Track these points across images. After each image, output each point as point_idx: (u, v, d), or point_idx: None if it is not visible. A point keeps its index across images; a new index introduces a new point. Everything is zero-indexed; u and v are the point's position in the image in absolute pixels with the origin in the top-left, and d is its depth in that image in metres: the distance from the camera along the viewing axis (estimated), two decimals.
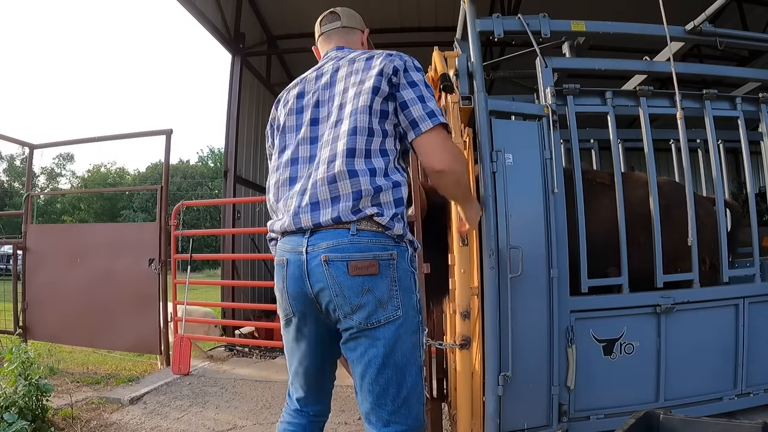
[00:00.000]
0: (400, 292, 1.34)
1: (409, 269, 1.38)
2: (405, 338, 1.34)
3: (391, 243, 1.35)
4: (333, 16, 1.72)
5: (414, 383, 1.36)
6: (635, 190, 2.64)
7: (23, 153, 26.61)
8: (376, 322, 1.32)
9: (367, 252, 1.31)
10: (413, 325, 1.37)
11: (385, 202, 1.35)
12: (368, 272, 1.30)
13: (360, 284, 1.31)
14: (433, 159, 1.41)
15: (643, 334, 2.37)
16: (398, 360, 1.33)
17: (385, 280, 1.32)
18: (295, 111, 1.56)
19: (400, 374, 1.34)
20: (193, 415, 3.27)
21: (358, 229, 1.32)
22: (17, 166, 30.53)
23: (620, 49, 3.59)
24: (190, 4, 5.68)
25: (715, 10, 2.59)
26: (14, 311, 4.81)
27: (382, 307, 1.31)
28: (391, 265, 1.33)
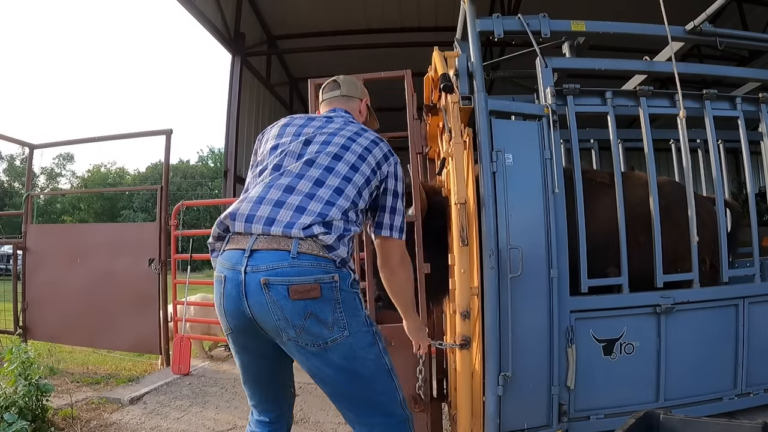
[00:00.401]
0: (345, 313, 1.36)
1: (351, 290, 1.41)
2: (362, 353, 1.39)
3: (332, 267, 1.37)
4: (334, 85, 1.85)
5: (384, 388, 1.43)
6: (635, 190, 2.64)
7: (23, 153, 26.63)
8: (323, 344, 1.34)
9: (308, 276, 1.31)
10: (368, 338, 1.41)
11: (335, 227, 1.42)
12: (309, 296, 1.30)
13: (302, 308, 1.30)
14: (390, 261, 1.66)
15: (643, 334, 2.36)
16: (361, 373, 1.39)
17: (329, 303, 1.33)
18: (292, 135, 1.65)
19: (366, 385, 1.40)
20: (193, 415, 3.27)
21: (299, 252, 1.31)
22: (17, 166, 30.52)
23: (620, 49, 3.59)
24: (190, 4, 5.68)
25: (715, 10, 2.59)
26: (14, 311, 4.81)
27: (328, 329, 1.33)
28: (333, 287, 1.34)
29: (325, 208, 1.40)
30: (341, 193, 1.46)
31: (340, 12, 7.00)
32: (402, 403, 1.48)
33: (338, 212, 1.42)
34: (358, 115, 1.83)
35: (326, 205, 1.41)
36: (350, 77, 1.90)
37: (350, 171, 1.51)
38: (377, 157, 1.60)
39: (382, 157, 1.62)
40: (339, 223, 1.41)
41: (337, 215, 1.41)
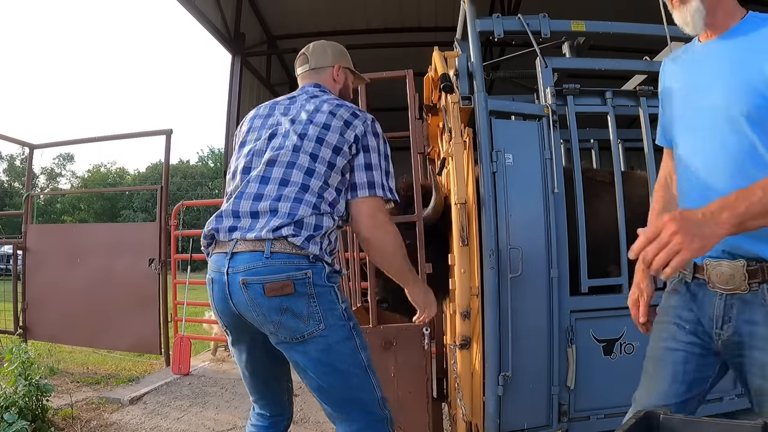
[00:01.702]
0: (320, 306, 1.40)
1: (326, 284, 1.43)
2: (337, 347, 1.41)
3: (305, 263, 1.40)
4: (303, 59, 1.78)
5: (360, 384, 1.44)
6: (637, 189, 2.64)
7: (23, 153, 26.62)
8: (300, 337, 1.39)
9: (280, 273, 1.37)
10: (343, 332, 1.43)
11: (306, 224, 1.43)
12: (283, 293, 1.37)
13: (278, 304, 1.37)
14: (359, 225, 1.55)
15: (643, 335, 2.36)
16: (337, 367, 1.41)
17: (303, 298, 1.38)
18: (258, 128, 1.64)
19: (342, 379, 1.42)
20: (193, 415, 3.27)
21: (271, 251, 1.38)
22: (17, 166, 30.52)
23: (620, 49, 3.58)
24: (190, 4, 5.68)
25: None
26: (14, 311, 4.81)
27: (304, 323, 1.38)
28: (306, 283, 1.39)
29: (294, 206, 1.43)
30: (307, 189, 1.46)
31: (340, 12, 7.00)
32: (380, 402, 1.48)
33: (308, 209, 1.43)
34: (332, 84, 1.75)
35: (294, 203, 1.43)
36: (320, 44, 1.79)
37: (311, 161, 1.48)
38: (338, 128, 1.53)
39: (344, 124, 1.54)
40: (310, 219, 1.43)
41: (307, 212, 1.43)
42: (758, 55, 1.12)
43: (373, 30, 7.21)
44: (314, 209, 1.44)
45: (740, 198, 1.00)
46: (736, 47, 1.18)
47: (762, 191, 1.00)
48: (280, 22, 7.43)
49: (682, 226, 0.97)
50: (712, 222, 0.99)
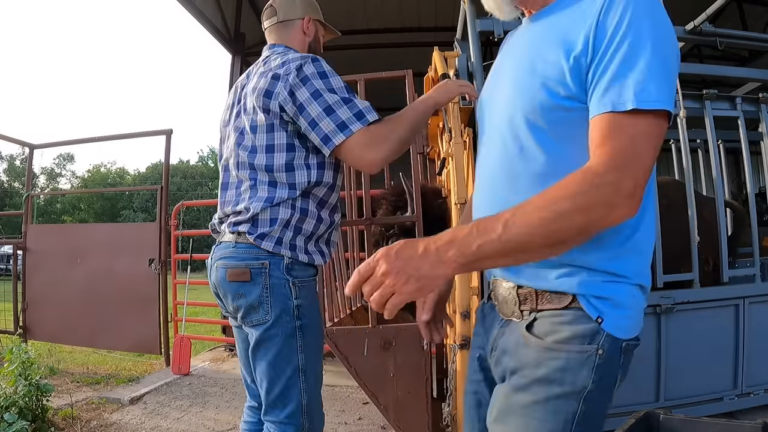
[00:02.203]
0: (272, 297, 1.43)
1: (284, 277, 1.45)
2: (276, 340, 1.44)
3: (263, 254, 1.45)
4: (271, 11, 1.67)
5: (289, 384, 1.46)
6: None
7: (23, 153, 26.63)
8: (249, 323, 1.47)
9: (240, 261, 1.45)
10: (287, 329, 1.45)
11: (261, 220, 1.46)
12: (240, 279, 1.45)
13: (235, 289, 1.46)
14: (360, 165, 1.50)
15: (643, 334, 2.35)
16: (271, 359, 1.45)
17: (257, 288, 1.44)
18: (223, 123, 1.67)
19: (273, 372, 1.45)
20: (193, 415, 3.27)
21: (236, 241, 1.48)
22: (17, 166, 30.52)
23: None
24: (190, 4, 5.68)
25: (715, 10, 2.59)
26: (14, 311, 4.81)
27: (253, 311, 1.44)
28: (262, 273, 1.44)
29: (249, 203, 1.48)
30: (256, 183, 1.48)
31: (340, 12, 7.00)
32: (303, 409, 1.47)
33: (258, 204, 1.45)
34: (301, 38, 1.65)
35: (249, 200, 1.48)
36: None
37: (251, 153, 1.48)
38: (261, 101, 1.43)
39: (267, 89, 1.42)
40: (264, 215, 1.45)
41: (258, 207, 1.45)
42: (554, 41, 0.87)
43: (373, 30, 7.20)
44: (266, 202, 1.45)
45: (474, 233, 0.76)
46: (539, 31, 0.97)
47: (503, 226, 0.75)
48: None
49: (395, 266, 0.77)
50: (435, 260, 0.76)
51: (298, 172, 1.47)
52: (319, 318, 1.57)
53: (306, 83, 1.41)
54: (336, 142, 1.39)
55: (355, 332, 2.32)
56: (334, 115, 1.39)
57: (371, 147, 1.40)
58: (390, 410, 2.25)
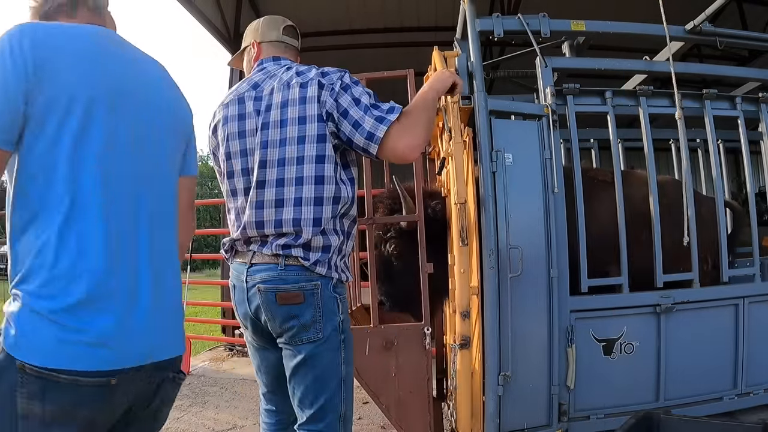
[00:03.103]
0: (324, 316, 1.47)
1: (332, 295, 1.50)
2: (325, 355, 1.48)
3: (315, 276, 1.47)
4: (295, 32, 1.78)
5: (332, 395, 1.49)
6: (638, 188, 2.64)
7: None
8: (299, 341, 1.47)
9: (293, 284, 1.46)
10: (334, 343, 1.49)
11: (314, 248, 1.47)
12: (294, 302, 1.45)
13: (287, 312, 1.46)
14: (402, 153, 1.48)
15: (643, 334, 2.36)
16: (318, 373, 1.48)
17: (310, 308, 1.46)
18: (237, 135, 1.57)
19: (319, 386, 1.48)
20: (193, 415, 3.27)
21: (285, 264, 1.46)
22: None
23: (620, 49, 3.58)
24: (190, 4, 5.68)
25: (715, 10, 2.59)
26: None
27: (305, 330, 1.46)
28: (315, 293, 1.47)
29: (297, 225, 1.45)
30: (301, 203, 1.46)
31: (340, 12, 7.00)
32: (341, 417, 1.50)
33: (309, 229, 1.45)
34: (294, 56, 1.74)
35: (296, 222, 1.46)
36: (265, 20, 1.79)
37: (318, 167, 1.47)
38: (316, 106, 1.47)
39: (316, 97, 1.48)
40: (317, 242, 1.47)
41: (309, 233, 1.45)
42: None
43: (373, 30, 7.19)
44: (315, 226, 1.46)
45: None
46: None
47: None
48: None
49: None
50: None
51: (338, 187, 1.50)
52: (350, 331, 1.61)
53: (347, 91, 1.50)
54: (380, 134, 1.44)
55: (356, 332, 2.32)
56: (370, 113, 1.47)
57: (407, 134, 1.47)
58: (391, 410, 2.25)
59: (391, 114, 1.46)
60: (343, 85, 1.50)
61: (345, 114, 1.47)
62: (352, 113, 1.47)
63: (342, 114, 1.47)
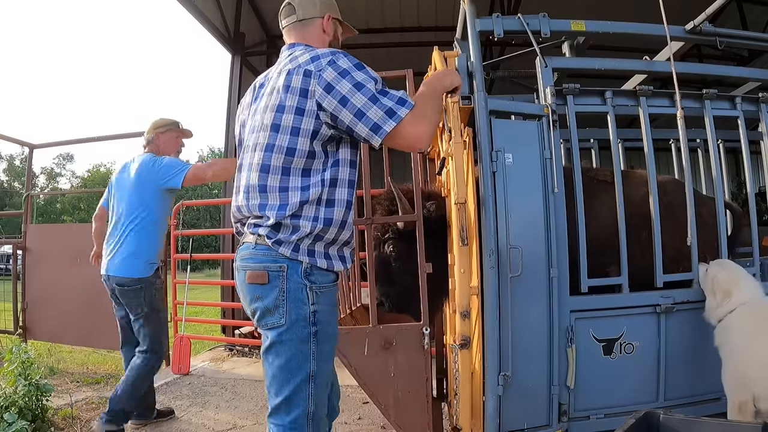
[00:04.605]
0: (288, 302, 1.43)
1: (301, 281, 1.44)
2: (290, 345, 1.43)
3: (282, 257, 1.44)
4: (289, 9, 1.66)
5: (297, 389, 1.44)
6: (639, 188, 2.64)
7: (23, 153, 26.61)
8: (264, 325, 1.46)
9: (259, 263, 1.45)
10: (301, 334, 1.43)
11: (283, 228, 1.45)
12: (258, 281, 1.44)
13: (253, 291, 1.46)
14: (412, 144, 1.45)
15: (643, 334, 2.36)
16: (282, 363, 1.43)
17: (274, 291, 1.43)
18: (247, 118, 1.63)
19: (283, 376, 1.44)
20: (193, 414, 3.27)
21: (256, 242, 1.47)
22: (17, 166, 30.50)
23: (620, 49, 3.58)
24: (190, 4, 5.68)
25: (715, 10, 2.59)
26: (14, 311, 4.81)
27: (269, 314, 1.44)
28: (280, 276, 1.43)
29: (269, 210, 1.45)
30: (274, 188, 1.46)
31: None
32: (308, 416, 1.45)
33: (281, 213, 1.43)
34: (321, 38, 1.65)
35: (269, 208, 1.45)
36: None
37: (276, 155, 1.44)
38: (296, 99, 1.41)
39: (301, 88, 1.41)
40: (287, 221, 1.44)
41: (280, 216, 1.43)
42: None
43: (373, 30, 7.20)
44: (288, 209, 1.44)
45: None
46: None
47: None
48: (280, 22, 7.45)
49: None
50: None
51: (316, 178, 1.46)
52: (335, 324, 1.55)
53: (346, 76, 1.40)
54: (387, 128, 1.38)
55: (356, 332, 2.32)
56: (380, 103, 1.39)
57: (419, 125, 1.41)
58: (390, 410, 2.25)
59: (402, 108, 1.39)
60: (339, 69, 1.41)
61: (344, 102, 1.38)
62: (353, 101, 1.38)
63: (341, 102, 1.39)
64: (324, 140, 1.45)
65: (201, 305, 6.54)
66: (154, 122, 3.06)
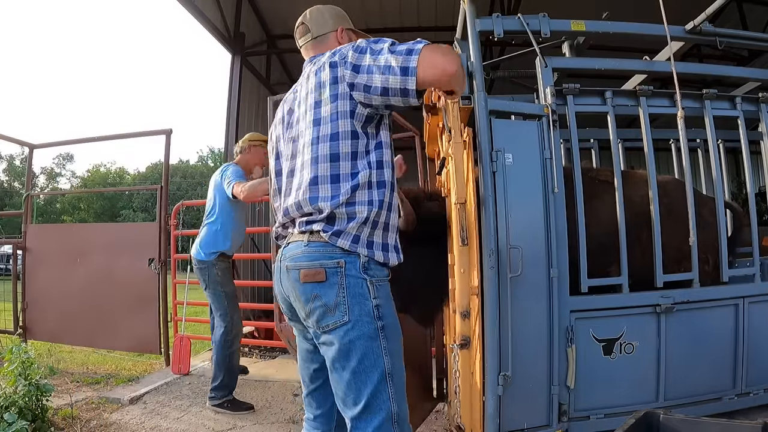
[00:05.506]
0: (348, 298, 1.38)
1: (361, 276, 1.40)
2: (358, 343, 1.36)
3: (338, 252, 1.40)
4: (304, 29, 1.71)
5: (376, 390, 1.35)
6: (639, 188, 2.64)
7: (23, 153, 26.62)
8: (325, 326, 1.39)
9: (314, 261, 1.41)
10: (368, 331, 1.37)
11: (338, 219, 1.42)
12: (315, 279, 1.40)
13: (310, 291, 1.41)
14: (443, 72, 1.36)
15: (643, 334, 2.37)
16: (355, 366, 1.36)
17: (333, 288, 1.39)
18: (284, 126, 1.64)
19: (359, 380, 1.36)
20: (193, 415, 3.27)
21: (309, 240, 1.44)
22: (17, 166, 30.51)
23: (620, 49, 3.58)
24: (190, 4, 5.68)
25: (715, 10, 2.59)
26: (14, 311, 4.81)
27: (330, 313, 1.38)
28: (338, 272, 1.39)
29: (323, 201, 1.42)
30: (328, 181, 1.43)
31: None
32: (393, 417, 1.36)
33: (335, 202, 1.40)
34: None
35: (323, 200, 1.43)
36: (316, 10, 1.71)
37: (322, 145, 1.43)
38: (328, 90, 1.44)
39: (331, 77, 1.44)
40: (341, 210, 1.41)
41: (335, 204, 1.40)
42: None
43: (373, 30, 7.20)
44: (335, 200, 1.41)
45: None
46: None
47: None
48: (280, 21, 7.42)
49: None
50: None
51: (363, 162, 1.44)
52: (397, 318, 1.47)
53: (366, 51, 1.42)
54: (413, 64, 1.33)
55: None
56: (397, 51, 1.37)
57: (438, 51, 1.37)
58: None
59: (417, 44, 1.36)
60: (360, 49, 1.43)
61: (370, 70, 1.39)
62: (378, 63, 1.37)
63: (368, 71, 1.39)
64: (362, 121, 1.45)
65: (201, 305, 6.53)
66: (249, 135, 3.64)
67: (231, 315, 3.31)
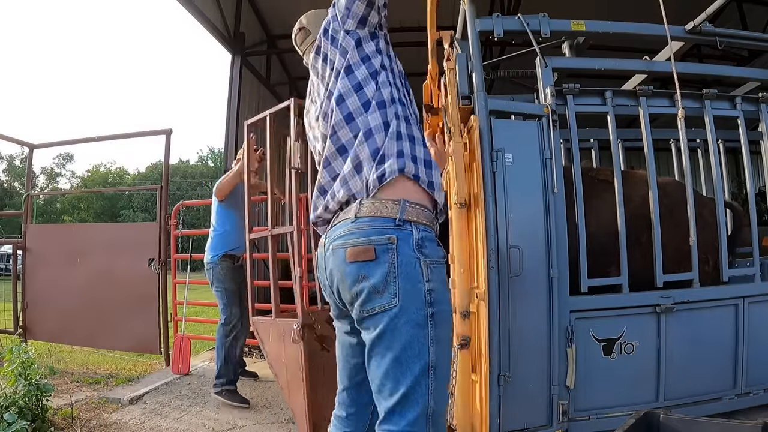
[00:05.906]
0: (399, 279, 1.24)
1: (415, 255, 1.26)
2: (404, 330, 1.23)
3: (390, 226, 1.27)
4: (304, 33, 1.70)
5: (416, 383, 1.23)
6: (639, 188, 2.64)
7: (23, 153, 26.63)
8: (371, 310, 1.26)
9: (363, 237, 1.27)
10: (417, 317, 1.24)
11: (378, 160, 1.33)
12: (364, 258, 1.25)
13: (356, 271, 1.26)
14: None
15: (643, 334, 2.37)
16: (398, 354, 1.23)
17: (383, 266, 1.24)
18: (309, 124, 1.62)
19: (399, 369, 1.23)
20: (193, 414, 3.27)
21: (356, 215, 1.30)
22: (17, 166, 30.52)
23: (620, 49, 3.58)
24: (190, 4, 5.68)
25: (715, 10, 2.59)
26: (14, 311, 4.81)
27: (377, 294, 1.24)
28: (389, 250, 1.25)
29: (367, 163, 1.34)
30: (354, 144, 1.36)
31: None
32: (429, 414, 1.24)
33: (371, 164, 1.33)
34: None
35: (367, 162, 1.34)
36: (313, 13, 1.70)
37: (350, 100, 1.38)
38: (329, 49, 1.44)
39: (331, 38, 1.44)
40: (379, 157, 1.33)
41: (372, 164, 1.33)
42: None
43: None
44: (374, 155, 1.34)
45: None
46: None
47: None
48: (279, 21, 7.41)
49: None
50: None
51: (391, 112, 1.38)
52: (451, 306, 1.35)
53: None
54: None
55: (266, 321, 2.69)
56: None
57: None
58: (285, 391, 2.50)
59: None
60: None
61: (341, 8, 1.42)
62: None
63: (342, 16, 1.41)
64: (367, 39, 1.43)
65: (201, 305, 6.53)
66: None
67: (230, 308, 3.56)
